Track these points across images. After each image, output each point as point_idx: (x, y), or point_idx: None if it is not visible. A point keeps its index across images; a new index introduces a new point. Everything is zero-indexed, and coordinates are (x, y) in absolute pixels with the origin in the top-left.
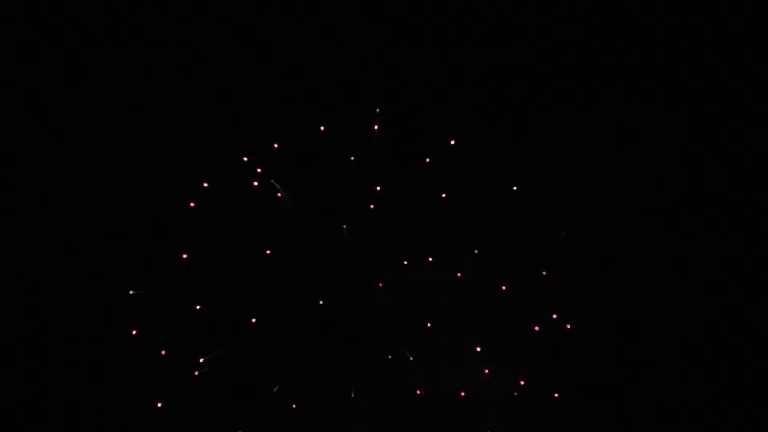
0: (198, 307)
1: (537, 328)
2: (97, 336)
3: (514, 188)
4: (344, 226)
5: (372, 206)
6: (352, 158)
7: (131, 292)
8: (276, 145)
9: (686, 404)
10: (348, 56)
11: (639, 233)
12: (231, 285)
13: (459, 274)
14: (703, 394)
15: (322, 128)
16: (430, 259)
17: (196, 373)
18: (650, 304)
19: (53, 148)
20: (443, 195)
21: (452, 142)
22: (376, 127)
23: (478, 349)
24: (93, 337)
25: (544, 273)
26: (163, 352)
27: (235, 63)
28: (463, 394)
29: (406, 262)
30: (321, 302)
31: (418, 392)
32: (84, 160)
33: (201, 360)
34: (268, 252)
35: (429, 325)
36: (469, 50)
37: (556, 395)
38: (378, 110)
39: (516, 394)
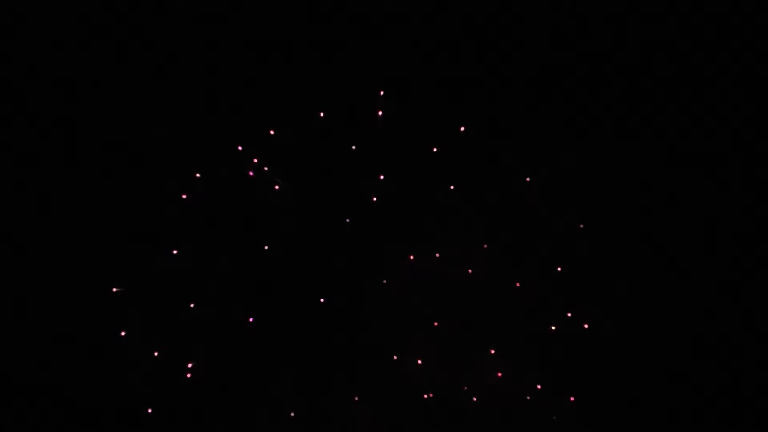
0: (192, 306)
1: (554, 328)
2: (82, 337)
3: (528, 179)
4: (347, 220)
5: (375, 198)
6: (354, 147)
7: (114, 290)
8: (272, 132)
9: (704, 408)
10: (348, 40)
11: (655, 230)
12: (226, 282)
13: (470, 271)
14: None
15: (321, 114)
16: (438, 255)
17: (189, 375)
18: (666, 303)
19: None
20: (452, 187)
21: (462, 129)
22: (380, 113)
23: (492, 351)
24: (78, 339)
25: (559, 269)
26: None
27: (228, 48)
28: (474, 399)
29: (412, 257)
30: (322, 300)
31: (426, 396)
32: (66, 150)
33: (189, 365)
34: (266, 247)
35: (436, 324)
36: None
37: (572, 399)
38: (382, 93)
39: (528, 398)
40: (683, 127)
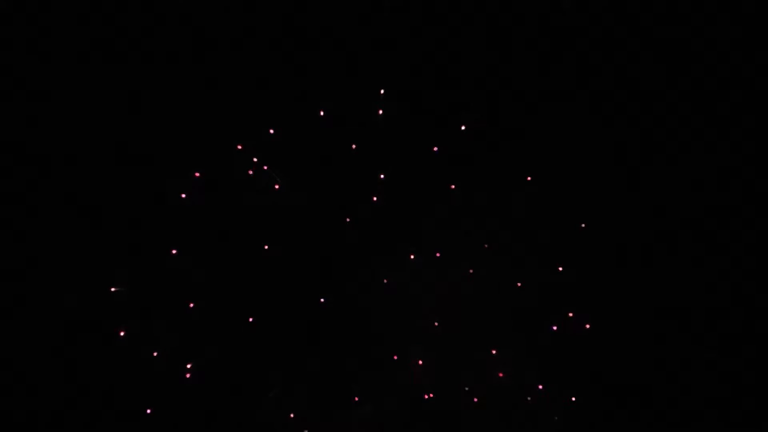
0: (191, 305)
1: (555, 328)
2: (80, 337)
3: (528, 178)
4: (347, 219)
5: (375, 198)
6: (354, 146)
7: (113, 289)
8: (272, 131)
9: (705, 407)
10: (349, 35)
11: (656, 230)
12: (226, 282)
13: (471, 270)
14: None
15: (321, 113)
16: (438, 254)
17: (188, 375)
18: (669, 302)
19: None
20: (452, 186)
21: (462, 128)
22: (380, 111)
23: (493, 351)
24: (75, 339)
25: (560, 269)
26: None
27: (225, 42)
28: (476, 399)
29: (413, 257)
30: (322, 300)
31: (426, 396)
32: (64, 147)
33: (188, 366)
34: (266, 247)
35: (436, 324)
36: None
37: (573, 399)
38: (382, 92)
39: (529, 398)
40: (684, 126)
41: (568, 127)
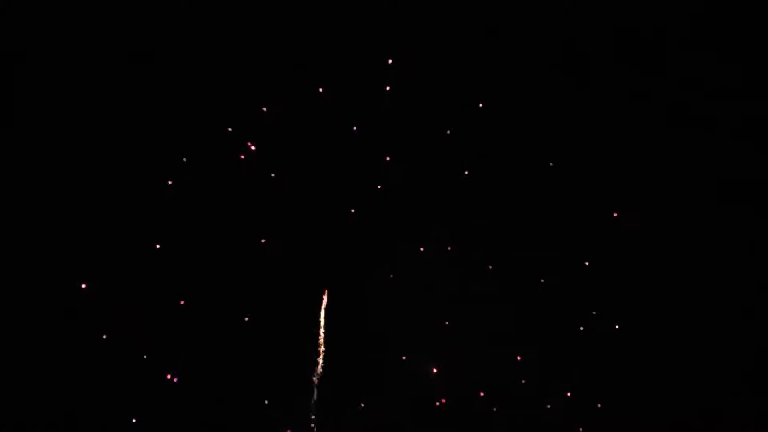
0: (182, 303)
1: (582, 328)
2: (63, 340)
3: (551, 164)
4: (352, 210)
5: (379, 186)
6: (356, 128)
7: (83, 286)
8: (265, 109)
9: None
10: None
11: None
12: (219, 279)
13: (490, 267)
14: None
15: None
16: (449, 248)
17: (176, 380)
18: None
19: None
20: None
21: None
22: (387, 87)
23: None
24: (59, 342)
25: (587, 264)
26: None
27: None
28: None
29: (423, 249)
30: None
31: (436, 399)
32: (41, 131)
33: (179, 367)
34: (263, 240)
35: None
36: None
37: (599, 405)
38: (391, 61)
39: (549, 406)
40: (687, 125)
41: (589, 115)
